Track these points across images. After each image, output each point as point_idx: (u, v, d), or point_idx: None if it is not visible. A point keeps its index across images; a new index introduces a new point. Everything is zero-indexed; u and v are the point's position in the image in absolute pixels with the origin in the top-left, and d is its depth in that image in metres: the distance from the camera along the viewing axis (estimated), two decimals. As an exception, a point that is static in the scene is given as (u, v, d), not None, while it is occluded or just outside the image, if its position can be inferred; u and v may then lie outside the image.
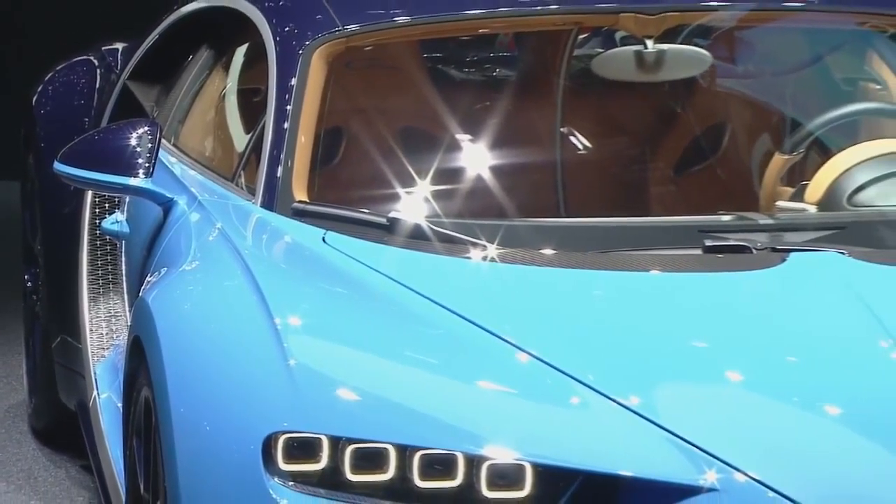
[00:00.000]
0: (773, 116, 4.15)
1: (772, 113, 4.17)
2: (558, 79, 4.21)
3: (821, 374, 2.81)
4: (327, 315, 3.00)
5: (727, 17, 3.97)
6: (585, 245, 3.19)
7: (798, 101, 4.12)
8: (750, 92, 4.25)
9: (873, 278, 3.00)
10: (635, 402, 2.72)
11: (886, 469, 2.63)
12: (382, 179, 3.74)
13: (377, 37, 3.87)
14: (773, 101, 4.18)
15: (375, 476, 2.68)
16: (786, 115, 4.11)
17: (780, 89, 4.18)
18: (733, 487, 2.61)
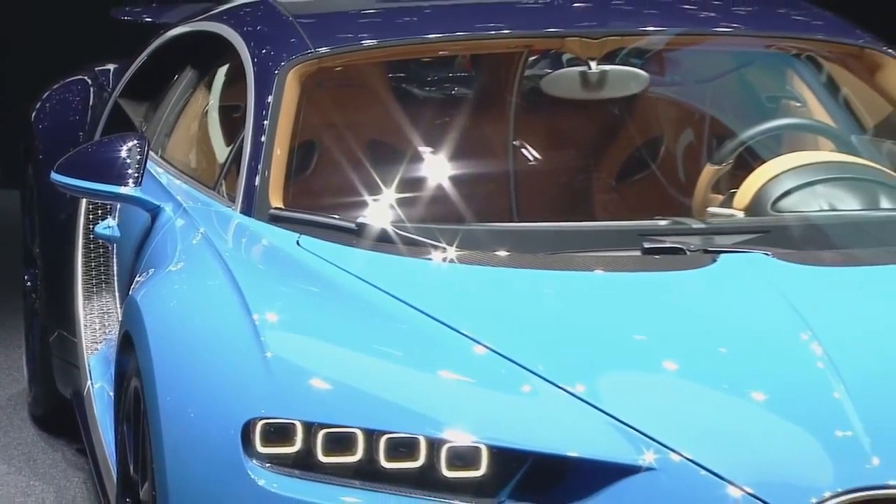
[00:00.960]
0: (704, 130, 4.15)
1: (703, 127, 4.17)
2: (511, 96, 4.22)
3: (748, 364, 2.81)
4: (301, 311, 2.99)
5: (662, 40, 3.98)
6: (536, 247, 3.19)
7: (726, 117, 4.13)
8: (683, 108, 4.26)
9: (794, 277, 3.01)
10: (581, 389, 2.72)
11: (806, 448, 2.63)
12: (351, 188, 3.74)
13: (346, 58, 3.86)
14: (704, 117, 4.20)
15: (345, 458, 2.68)
16: (716, 129, 4.12)
17: (710, 106, 4.19)
18: (669, 467, 2.61)
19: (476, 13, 4.18)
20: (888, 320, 2.95)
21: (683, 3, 4.23)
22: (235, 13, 4.25)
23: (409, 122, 4.01)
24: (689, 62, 4.23)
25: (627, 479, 2.61)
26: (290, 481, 2.68)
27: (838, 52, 3.92)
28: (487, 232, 3.27)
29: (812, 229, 3.28)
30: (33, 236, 4.89)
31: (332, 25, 4.03)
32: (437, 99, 4.28)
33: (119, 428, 3.32)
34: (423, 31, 3.99)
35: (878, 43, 3.85)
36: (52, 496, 4.37)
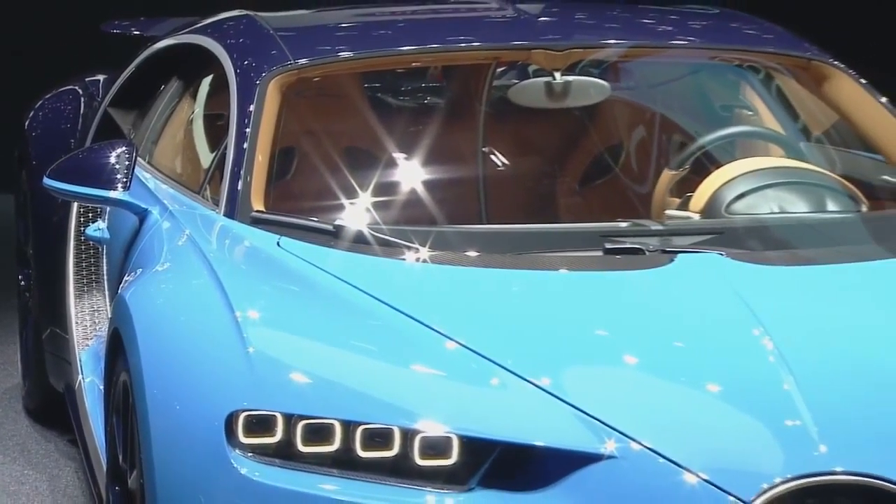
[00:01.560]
0: (663, 137, 4.17)
1: (661, 134, 4.18)
2: (480, 105, 4.22)
3: (704, 357, 2.82)
4: (281, 309, 2.99)
5: (622, 53, 3.98)
6: (504, 248, 3.19)
7: (683, 125, 4.14)
8: (642, 116, 4.27)
9: (747, 276, 3.01)
10: (546, 382, 2.72)
11: (758, 437, 2.64)
12: (329, 192, 3.74)
13: (324, 69, 3.85)
14: (662, 125, 4.21)
15: (323, 448, 2.68)
16: (673, 136, 4.13)
17: (667, 114, 4.20)
18: (629, 455, 2.62)
19: (447, 27, 4.18)
20: (835, 316, 2.96)
21: (642, 18, 4.23)
22: (219, 27, 4.24)
23: (384, 130, 4.01)
24: (648, 73, 4.25)
25: (590, 467, 2.62)
26: (271, 470, 2.67)
27: (787, 64, 3.93)
28: (458, 233, 3.27)
29: (763, 231, 3.29)
30: (27, 238, 4.88)
31: (311, 38, 4.03)
32: (410, 108, 4.28)
33: (108, 420, 3.31)
34: (397, 43, 3.99)
35: (825, 55, 3.86)
36: (45, 484, 4.36)
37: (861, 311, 2.99)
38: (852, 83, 3.77)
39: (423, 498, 2.64)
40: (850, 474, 2.58)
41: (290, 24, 4.17)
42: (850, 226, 3.35)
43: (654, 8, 4.32)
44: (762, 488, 2.56)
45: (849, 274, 3.10)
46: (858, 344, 2.85)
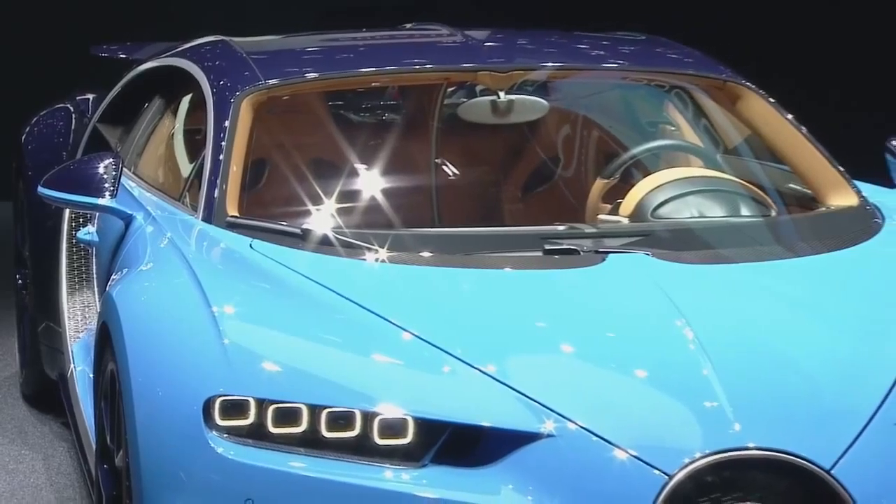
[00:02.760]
0: (595, 150, 4.18)
1: (594, 147, 4.20)
2: (433, 121, 4.22)
3: (632, 346, 2.82)
4: (254, 304, 2.97)
5: (560, 74, 3.99)
6: (454, 249, 3.18)
7: (614, 139, 4.15)
8: (577, 131, 4.28)
9: (671, 273, 3.02)
10: (492, 369, 2.73)
11: (680, 417, 2.65)
12: (297, 199, 3.73)
13: (292, 89, 3.84)
14: (595, 138, 4.22)
15: (292, 429, 2.67)
16: (605, 149, 4.15)
17: (600, 129, 4.22)
18: (566, 434, 2.62)
19: (403, 51, 4.18)
20: (748, 309, 2.98)
21: (577, 43, 4.24)
22: (197, 50, 4.22)
23: (347, 143, 4.01)
24: (582, 92, 4.26)
25: (531, 445, 2.62)
26: (244, 449, 2.66)
27: (705, 85, 3.94)
28: (413, 236, 3.26)
29: (685, 233, 3.29)
30: (24, 241, 4.84)
31: (280, 60, 4.02)
32: (370, 123, 4.28)
33: (98, 405, 3.29)
34: (358, 65, 3.98)
35: (738, 77, 3.88)
36: (40, 463, 4.32)
37: (770, 305, 3.00)
38: (762, 102, 3.80)
39: (381, 474, 2.63)
40: (760, 449, 2.59)
41: (261, 47, 4.16)
42: (761, 228, 3.36)
43: (587, 34, 4.33)
44: (684, 462, 2.57)
45: (760, 271, 3.11)
46: (768, 334, 2.86)
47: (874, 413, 2.67)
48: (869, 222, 3.37)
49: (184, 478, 2.70)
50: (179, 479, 2.70)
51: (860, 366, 2.77)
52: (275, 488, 2.64)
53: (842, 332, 2.89)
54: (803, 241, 3.27)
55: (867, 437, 2.63)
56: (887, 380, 2.73)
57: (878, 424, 2.65)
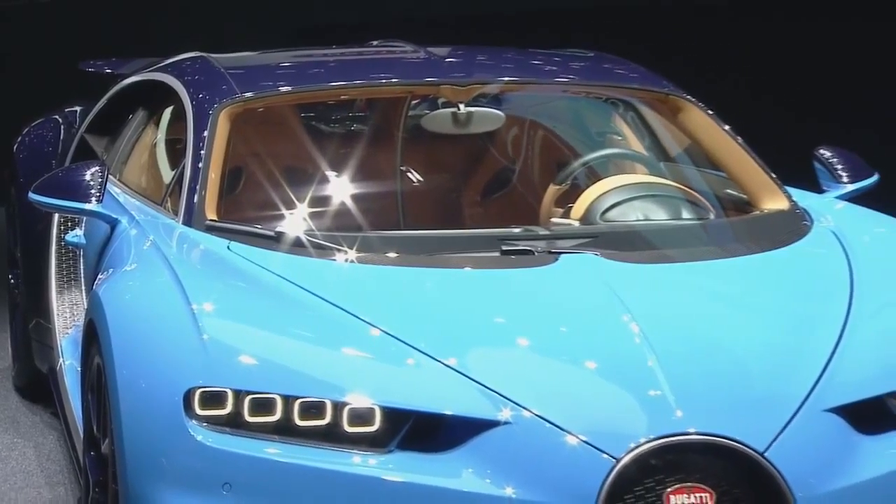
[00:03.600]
0: (549, 158, 4.18)
1: (547, 155, 4.20)
2: (398, 131, 4.21)
3: (583, 339, 2.83)
4: (231, 302, 2.95)
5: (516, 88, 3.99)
6: (418, 250, 3.18)
7: (565, 148, 4.16)
8: (532, 140, 4.28)
9: (618, 272, 3.02)
10: (453, 361, 2.72)
11: (627, 405, 2.66)
12: (271, 204, 3.70)
13: (266, 101, 3.83)
14: (548, 147, 4.22)
15: (267, 418, 2.66)
16: (557, 157, 4.15)
17: (553, 138, 4.22)
18: (521, 421, 2.62)
19: (370, 66, 4.17)
20: (690, 305, 2.99)
21: (531, 60, 4.24)
22: (178, 66, 4.20)
23: (318, 152, 3.99)
24: (536, 105, 4.26)
25: (489, 431, 2.62)
26: (222, 437, 2.65)
27: (649, 98, 3.95)
28: (380, 238, 3.25)
29: (631, 235, 3.30)
30: (16, 243, 4.80)
31: (255, 75, 4.00)
32: (339, 133, 4.26)
33: (85, 396, 3.27)
34: (328, 79, 3.97)
35: (679, 90, 3.90)
36: (31, 450, 4.29)
37: (709, 301, 3.02)
38: (701, 113, 3.81)
39: (350, 459, 2.63)
40: (700, 434, 2.60)
41: (237, 63, 4.14)
42: (700, 230, 3.37)
43: (541, 51, 4.34)
44: (630, 447, 2.57)
45: (700, 270, 3.12)
46: (708, 328, 2.87)
47: (804, 400, 2.68)
48: (798, 225, 3.38)
49: (165, 464, 2.68)
50: (161, 465, 2.68)
51: (791, 356, 2.78)
52: (251, 473, 2.63)
53: (774, 325, 2.91)
54: (739, 242, 3.28)
55: (798, 422, 2.64)
56: (816, 369, 2.74)
57: (808, 410, 2.67)
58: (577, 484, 2.56)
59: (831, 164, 3.81)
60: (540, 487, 2.56)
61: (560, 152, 4.15)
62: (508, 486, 2.57)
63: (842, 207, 3.61)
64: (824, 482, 2.59)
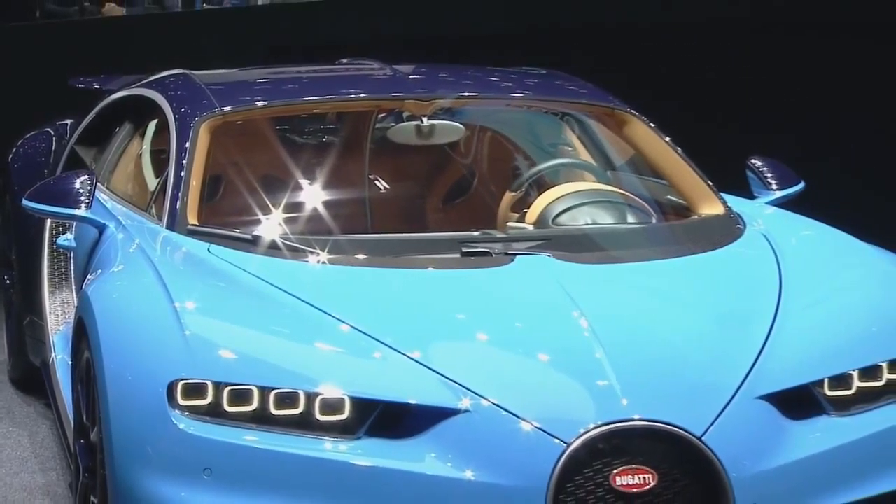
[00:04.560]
0: (505, 166, 4.19)
1: (504, 164, 4.21)
2: (366, 142, 4.21)
3: (536, 334, 2.82)
4: (211, 300, 2.93)
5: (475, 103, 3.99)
6: (385, 252, 3.16)
7: (520, 158, 4.16)
8: (490, 151, 4.29)
9: (569, 272, 3.02)
10: (417, 354, 2.72)
11: (577, 393, 2.66)
12: (249, 210, 3.69)
13: (244, 115, 3.81)
14: (504, 157, 4.23)
15: (244, 408, 2.64)
16: (513, 166, 4.15)
17: (509, 149, 4.23)
18: (480, 409, 2.62)
19: (340, 82, 4.16)
20: (634, 301, 2.99)
21: (489, 77, 4.24)
22: (162, 82, 4.17)
23: (292, 161, 3.99)
24: (493, 118, 4.26)
25: (450, 419, 2.61)
26: (203, 425, 2.63)
27: (596, 112, 3.96)
28: (349, 241, 3.24)
29: (581, 237, 3.30)
30: (11, 247, 4.76)
31: (234, 90, 3.98)
32: (312, 144, 4.26)
33: (75, 387, 3.24)
34: (301, 94, 3.96)
35: (624, 105, 3.91)
36: (26, 438, 4.25)
37: (652, 298, 3.02)
38: (644, 126, 3.82)
39: (322, 445, 2.61)
40: (644, 420, 2.60)
41: (217, 79, 4.12)
42: (644, 234, 3.38)
43: (498, 69, 4.34)
44: (580, 432, 2.58)
45: (643, 270, 3.13)
46: (651, 323, 2.88)
47: (738, 388, 2.69)
48: (733, 228, 3.40)
49: (150, 450, 2.66)
50: (146, 452, 2.66)
51: (726, 349, 2.79)
52: (230, 459, 2.61)
53: (711, 320, 2.92)
54: (679, 244, 3.29)
55: (732, 408, 2.65)
56: (748, 360, 2.75)
57: (741, 398, 2.68)
58: (531, 467, 2.55)
59: (762, 172, 3.84)
60: (497, 470, 2.56)
61: (515, 162, 4.15)
62: (468, 470, 2.57)
63: (771, 212, 3.63)
64: (756, 463, 2.60)
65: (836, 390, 2.75)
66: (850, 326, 2.89)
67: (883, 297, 3.00)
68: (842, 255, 3.22)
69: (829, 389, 2.75)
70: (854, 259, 3.19)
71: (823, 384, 2.75)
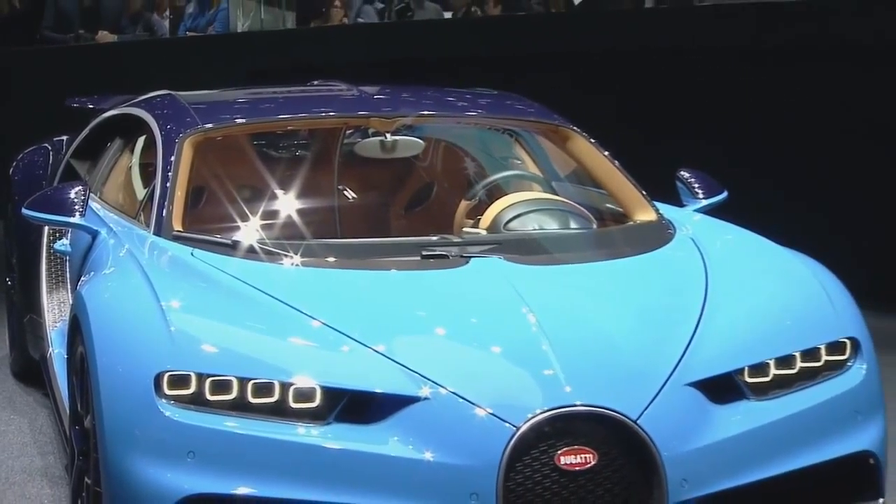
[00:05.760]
0: (461, 178, 4.19)
1: (460, 176, 4.21)
2: (335, 156, 4.19)
3: (489, 328, 2.81)
4: (194, 299, 2.90)
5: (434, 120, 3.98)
6: (353, 255, 3.14)
7: (475, 170, 4.16)
8: (447, 163, 4.29)
9: (518, 272, 3.02)
10: (382, 348, 2.70)
11: (526, 382, 2.65)
12: (228, 217, 3.66)
13: (224, 131, 3.78)
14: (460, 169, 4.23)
15: (225, 396, 2.62)
16: (468, 177, 4.15)
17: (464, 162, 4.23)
18: (438, 397, 2.61)
19: (311, 101, 4.13)
20: (577, 299, 2.99)
21: (446, 97, 4.23)
22: (149, 101, 4.13)
23: (268, 173, 3.96)
24: (450, 134, 4.26)
25: (412, 406, 2.60)
26: (187, 413, 2.61)
27: (543, 129, 3.96)
28: (320, 245, 3.22)
29: (529, 241, 3.30)
30: (12, 251, 4.71)
31: (215, 109, 3.95)
32: (286, 158, 4.23)
33: (70, 379, 3.20)
34: (277, 113, 3.94)
35: (568, 122, 3.91)
36: (26, 425, 4.20)
37: (593, 296, 3.02)
38: (585, 141, 3.82)
39: (295, 430, 2.59)
40: (585, 405, 2.60)
41: (200, 99, 4.09)
42: (585, 238, 3.39)
43: (454, 90, 4.33)
44: (528, 417, 2.57)
45: (584, 270, 3.13)
46: (592, 318, 2.88)
47: (669, 376, 2.70)
48: (664, 233, 3.41)
49: (138, 435, 2.63)
50: (135, 437, 2.63)
51: (658, 341, 2.80)
52: (211, 443, 2.59)
53: (645, 315, 2.92)
54: (616, 248, 3.29)
55: (664, 394, 2.66)
56: (678, 351, 2.76)
57: (672, 385, 2.69)
58: (484, 448, 2.55)
59: (690, 183, 3.86)
60: (453, 451, 2.55)
61: (470, 173, 4.16)
62: (427, 451, 2.56)
63: (698, 219, 3.64)
64: (685, 443, 2.61)
65: (755, 377, 2.77)
66: (767, 320, 2.90)
67: (795, 293, 3.02)
68: (760, 257, 3.24)
69: (749, 377, 2.76)
70: (770, 260, 3.21)
71: (744, 372, 2.76)
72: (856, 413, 2.80)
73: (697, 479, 2.59)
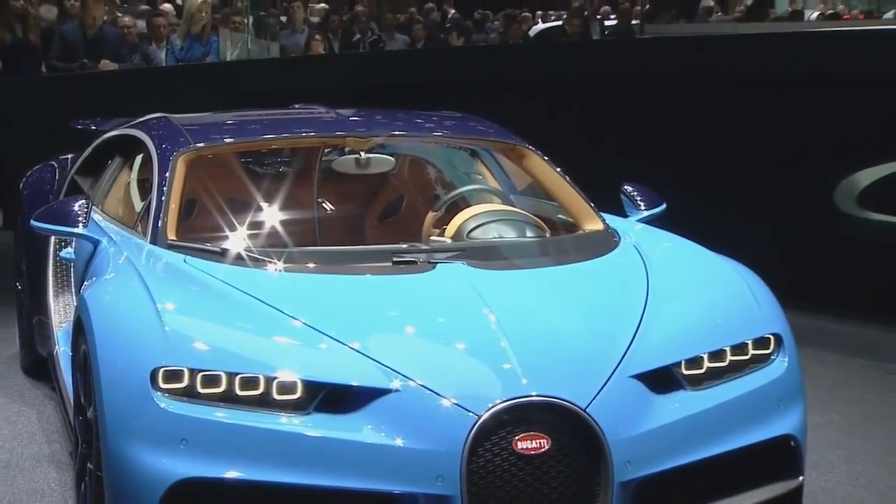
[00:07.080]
0: (428, 191, 4.18)
1: (427, 189, 4.20)
2: (315, 172, 4.19)
3: (453, 327, 2.80)
4: (187, 302, 2.87)
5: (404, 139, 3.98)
6: (331, 261, 3.13)
7: (441, 184, 4.16)
8: (416, 178, 4.28)
9: (480, 276, 3.01)
10: (357, 345, 2.68)
11: (487, 375, 2.64)
12: (218, 228, 3.64)
13: (214, 150, 3.76)
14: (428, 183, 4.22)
15: (214, 389, 2.59)
16: (435, 190, 4.15)
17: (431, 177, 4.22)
18: (408, 389, 2.59)
19: (294, 123, 4.12)
20: (533, 300, 2.99)
21: (415, 119, 4.23)
22: (146, 123, 4.11)
23: (254, 187, 3.95)
24: (419, 152, 4.27)
25: (384, 397, 2.58)
26: (180, 404, 2.57)
27: (502, 147, 3.97)
28: (302, 253, 3.20)
29: (490, 249, 3.30)
30: (21, 258, 4.65)
31: (206, 130, 3.93)
32: (270, 173, 4.22)
33: (75, 374, 3.15)
34: (262, 133, 3.91)
35: (524, 142, 3.92)
36: (34, 416, 4.15)
37: (547, 297, 3.02)
38: (539, 159, 3.84)
39: (279, 419, 2.57)
40: (540, 396, 2.60)
41: (192, 121, 4.06)
42: (539, 246, 3.39)
43: (422, 112, 4.34)
44: (488, 406, 2.56)
45: (539, 274, 3.13)
46: (546, 317, 2.88)
47: (614, 369, 2.70)
48: (610, 241, 3.42)
49: (136, 425, 2.59)
50: (133, 426, 2.59)
51: (605, 337, 2.80)
52: (202, 431, 2.56)
53: (593, 314, 2.92)
54: (567, 254, 3.30)
55: (610, 385, 2.66)
56: (623, 347, 2.76)
57: (617, 377, 2.69)
58: (449, 434, 2.53)
59: (633, 195, 3.87)
60: (421, 438, 2.54)
61: (436, 188, 4.16)
62: (398, 438, 2.54)
63: (640, 228, 3.66)
64: (629, 429, 2.61)
65: (691, 370, 2.78)
66: (701, 319, 2.92)
67: (725, 294, 3.04)
68: (694, 262, 3.26)
69: (685, 369, 2.77)
70: (704, 265, 3.23)
71: (681, 365, 2.77)
72: (779, 401, 2.82)
73: (640, 461, 2.60)
